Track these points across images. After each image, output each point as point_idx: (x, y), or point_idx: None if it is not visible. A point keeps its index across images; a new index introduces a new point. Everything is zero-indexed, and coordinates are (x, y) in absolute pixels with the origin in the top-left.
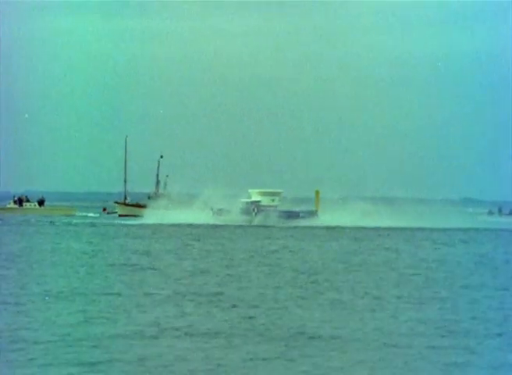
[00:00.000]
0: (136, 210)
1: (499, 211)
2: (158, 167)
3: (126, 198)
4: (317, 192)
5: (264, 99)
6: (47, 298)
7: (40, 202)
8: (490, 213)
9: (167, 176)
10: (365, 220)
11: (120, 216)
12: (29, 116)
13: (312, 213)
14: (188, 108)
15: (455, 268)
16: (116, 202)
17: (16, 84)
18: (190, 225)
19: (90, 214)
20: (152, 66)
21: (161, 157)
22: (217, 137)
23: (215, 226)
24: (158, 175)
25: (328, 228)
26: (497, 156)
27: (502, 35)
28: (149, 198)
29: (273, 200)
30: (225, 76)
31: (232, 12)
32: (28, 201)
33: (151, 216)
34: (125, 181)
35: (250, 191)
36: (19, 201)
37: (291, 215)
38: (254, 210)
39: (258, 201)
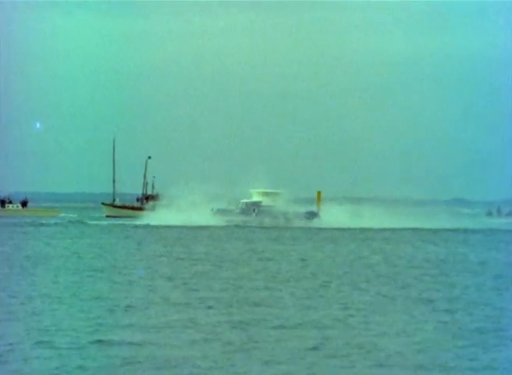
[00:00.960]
0: (124, 211)
1: (498, 211)
2: (146, 168)
3: (114, 200)
4: (318, 193)
5: (265, 99)
6: None
7: (23, 203)
8: (489, 214)
9: (154, 177)
10: (368, 222)
11: (107, 216)
12: (18, 118)
13: (314, 214)
14: (186, 108)
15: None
16: (103, 203)
17: (3, 85)
18: (194, 227)
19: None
20: (144, 66)
21: (149, 158)
22: (216, 137)
23: (218, 228)
24: (145, 176)
25: (330, 229)
26: (487, 156)
27: (499, 36)
28: (137, 199)
29: (274, 200)
30: (226, 76)
31: (226, 11)
32: (11, 202)
33: (146, 217)
34: (113, 182)
35: (251, 191)
36: (1, 203)
37: (292, 215)
38: (254, 210)
39: (259, 202)
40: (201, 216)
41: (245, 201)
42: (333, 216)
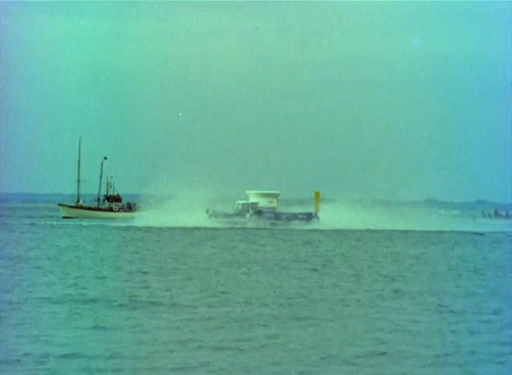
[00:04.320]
0: (86, 212)
1: (496, 213)
2: (102, 169)
3: (78, 200)
4: (317, 194)
5: (259, 99)
6: None
7: None
8: (487, 216)
9: (111, 177)
10: (367, 223)
11: (64, 218)
12: None
13: (311, 216)
14: (180, 109)
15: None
16: (60, 204)
17: None
18: (187, 228)
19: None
20: (125, 66)
21: (105, 158)
22: (213, 137)
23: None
24: (101, 176)
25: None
26: (460, 157)
27: (492, 37)
28: (97, 200)
29: (271, 202)
30: (221, 76)
31: (209, 12)
32: None
33: (137, 219)
34: (78, 182)
35: (247, 192)
36: None
37: (290, 217)
38: (249, 212)
39: (256, 203)
40: (196, 217)
41: (241, 202)
42: (332, 217)
